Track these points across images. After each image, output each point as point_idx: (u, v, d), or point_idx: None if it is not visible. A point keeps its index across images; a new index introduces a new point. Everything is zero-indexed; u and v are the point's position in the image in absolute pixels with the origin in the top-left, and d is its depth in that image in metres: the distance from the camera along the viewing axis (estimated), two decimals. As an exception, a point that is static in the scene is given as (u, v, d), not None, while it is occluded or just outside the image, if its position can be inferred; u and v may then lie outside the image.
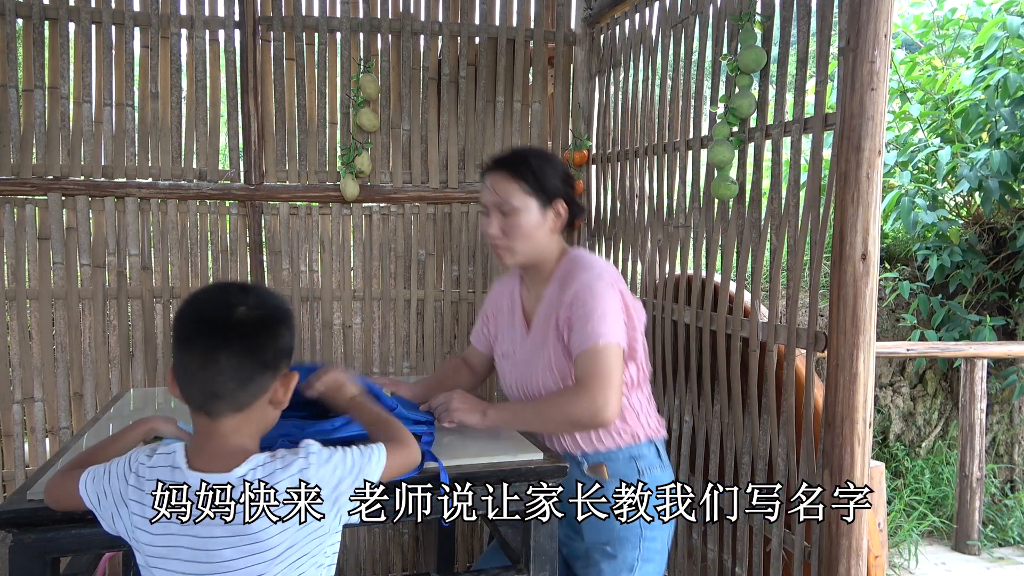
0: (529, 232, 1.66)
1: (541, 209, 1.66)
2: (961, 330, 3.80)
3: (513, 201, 1.65)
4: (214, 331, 1.05)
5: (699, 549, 2.14)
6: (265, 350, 1.07)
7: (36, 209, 2.45)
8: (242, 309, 1.07)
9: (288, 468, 1.07)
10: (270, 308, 1.10)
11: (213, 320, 1.06)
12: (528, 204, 1.65)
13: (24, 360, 2.47)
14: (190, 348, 1.06)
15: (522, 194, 1.65)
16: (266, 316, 1.08)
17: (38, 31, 2.42)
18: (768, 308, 1.86)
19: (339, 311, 2.70)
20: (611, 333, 1.55)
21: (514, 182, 1.65)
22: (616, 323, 1.57)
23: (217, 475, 1.05)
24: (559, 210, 1.68)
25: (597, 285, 1.59)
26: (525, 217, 1.65)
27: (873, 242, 1.51)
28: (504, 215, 1.66)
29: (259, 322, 1.07)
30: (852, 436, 1.54)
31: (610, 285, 1.60)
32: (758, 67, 1.83)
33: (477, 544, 2.85)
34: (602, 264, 1.67)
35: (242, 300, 1.08)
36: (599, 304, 1.57)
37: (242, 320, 1.06)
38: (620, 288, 1.63)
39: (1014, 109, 3.61)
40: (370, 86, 2.58)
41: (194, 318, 1.08)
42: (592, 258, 1.69)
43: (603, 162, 2.67)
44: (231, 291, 1.10)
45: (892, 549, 3.41)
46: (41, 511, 1.22)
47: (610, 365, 1.53)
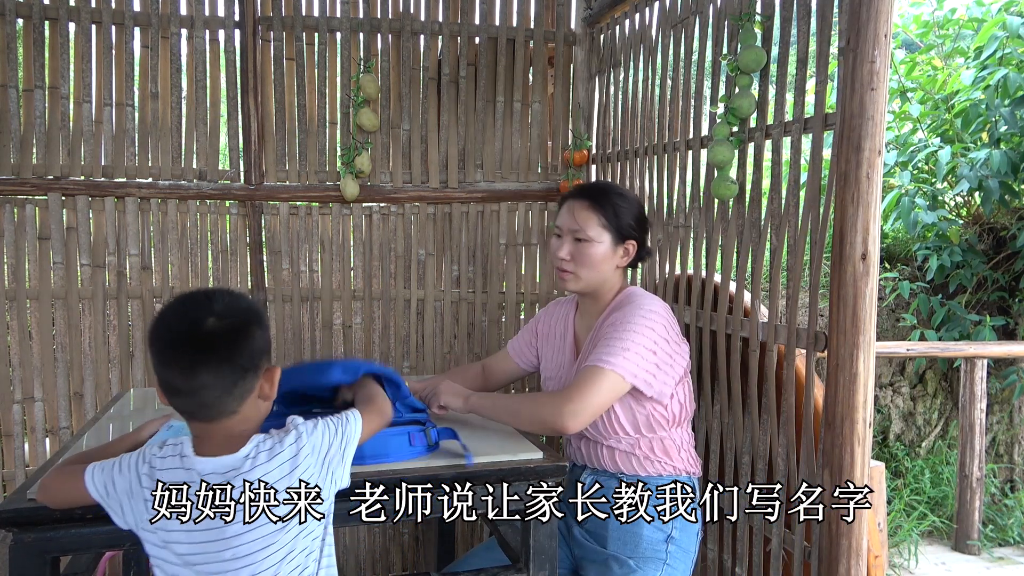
0: (596, 263, 1.73)
1: (613, 244, 1.74)
2: (961, 330, 3.80)
3: (589, 231, 1.73)
4: (188, 347, 1.08)
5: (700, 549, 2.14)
6: (242, 355, 1.10)
7: (36, 209, 2.45)
8: (211, 320, 1.09)
9: (284, 440, 1.15)
10: (238, 313, 1.12)
11: (185, 336, 1.08)
12: (603, 237, 1.73)
13: (24, 360, 2.47)
14: (169, 367, 1.09)
15: (599, 227, 1.73)
16: (236, 323, 1.10)
17: (38, 31, 2.42)
18: (768, 308, 1.86)
19: (339, 311, 2.70)
20: (620, 365, 1.60)
21: (594, 213, 1.73)
22: (633, 359, 1.61)
23: (225, 457, 1.11)
24: (628, 249, 1.76)
25: (635, 320, 1.65)
26: (597, 248, 1.73)
27: (873, 242, 1.51)
28: (577, 241, 1.74)
29: (230, 330, 1.09)
30: (852, 436, 1.54)
31: (649, 326, 1.64)
32: (758, 67, 1.83)
33: (477, 544, 2.85)
34: (655, 304, 1.71)
35: (208, 311, 1.09)
36: (626, 336, 1.62)
37: (212, 331, 1.08)
38: (663, 333, 1.66)
39: (1014, 109, 3.61)
40: (370, 86, 2.58)
41: (166, 337, 1.10)
42: (646, 297, 1.74)
43: (603, 162, 2.67)
44: (197, 303, 1.12)
45: (892, 549, 3.41)
46: (41, 511, 1.22)
47: (599, 387, 1.59)
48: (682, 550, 1.70)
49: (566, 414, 1.57)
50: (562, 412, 1.57)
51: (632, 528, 1.66)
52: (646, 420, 1.71)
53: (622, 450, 1.73)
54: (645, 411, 1.70)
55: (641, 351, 1.62)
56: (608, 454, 1.75)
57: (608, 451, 1.75)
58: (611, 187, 1.83)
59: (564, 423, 1.58)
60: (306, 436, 1.17)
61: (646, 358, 1.63)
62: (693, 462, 1.78)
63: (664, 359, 1.66)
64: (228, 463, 1.11)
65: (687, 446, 1.78)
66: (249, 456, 1.12)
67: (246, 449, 1.13)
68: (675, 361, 1.70)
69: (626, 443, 1.73)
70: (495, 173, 2.75)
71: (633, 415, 1.71)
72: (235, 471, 1.11)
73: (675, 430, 1.75)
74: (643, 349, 1.63)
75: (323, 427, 1.21)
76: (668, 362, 1.67)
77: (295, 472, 1.14)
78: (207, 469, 1.11)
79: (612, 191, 1.79)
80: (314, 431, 1.19)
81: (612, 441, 1.74)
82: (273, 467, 1.12)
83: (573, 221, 1.74)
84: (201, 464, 1.11)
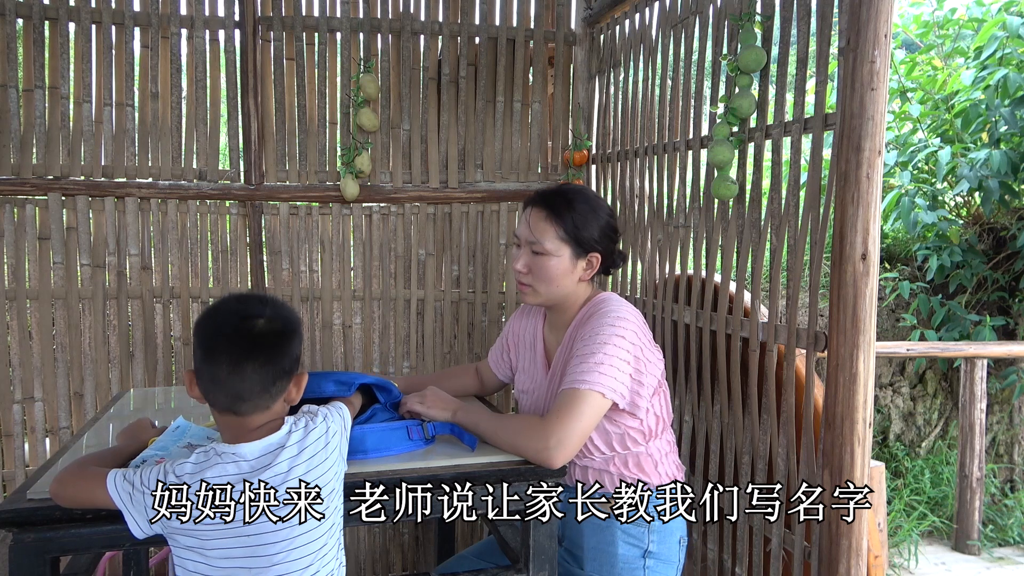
0: (555, 277, 1.63)
1: (573, 257, 1.64)
2: (961, 330, 3.80)
3: (546, 243, 1.62)
4: (239, 343, 1.16)
5: (699, 549, 2.14)
6: (284, 358, 1.19)
7: (36, 209, 2.45)
8: (262, 322, 1.17)
9: (315, 420, 1.26)
10: (285, 320, 1.21)
11: (237, 333, 1.16)
12: (560, 250, 1.62)
13: (24, 360, 2.47)
14: (216, 358, 1.16)
15: (557, 239, 1.62)
16: (283, 328, 1.19)
17: (38, 31, 2.42)
18: (768, 308, 1.86)
19: (339, 311, 2.70)
20: (598, 382, 1.51)
21: (552, 225, 1.62)
22: (610, 374, 1.53)
23: (267, 438, 1.19)
24: (592, 261, 1.66)
25: (606, 332, 1.55)
26: (555, 262, 1.63)
27: (873, 242, 1.51)
28: (534, 254, 1.64)
29: (278, 334, 1.18)
30: (852, 436, 1.54)
31: (620, 335, 1.56)
32: (758, 67, 1.83)
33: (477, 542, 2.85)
34: (624, 311, 1.61)
35: (261, 312, 1.18)
36: (600, 351, 1.53)
37: (263, 332, 1.17)
38: (635, 340, 1.58)
39: (1014, 109, 3.61)
40: (370, 86, 2.58)
41: (219, 331, 1.17)
42: (616, 304, 1.63)
43: (603, 162, 2.67)
44: (251, 303, 1.21)
45: (892, 549, 3.41)
46: (41, 511, 1.22)
47: (581, 411, 1.50)
48: (662, 562, 1.64)
49: (551, 445, 1.46)
50: (547, 443, 1.46)
51: (607, 548, 1.61)
52: (620, 438, 1.63)
53: (595, 468, 1.66)
54: (620, 429, 1.63)
55: (616, 363, 1.53)
56: (581, 473, 1.67)
57: (581, 470, 1.67)
58: (576, 193, 1.68)
59: (548, 455, 1.47)
60: (332, 418, 1.29)
61: (622, 370, 1.54)
62: (672, 473, 1.70)
63: (639, 367, 1.58)
64: (272, 441, 1.19)
65: (665, 457, 1.69)
66: (290, 432, 1.21)
67: (284, 428, 1.21)
68: (648, 370, 1.61)
69: (600, 461, 1.65)
70: (495, 173, 2.75)
71: (607, 433, 1.63)
72: (280, 448, 1.18)
73: (652, 443, 1.66)
74: (618, 360, 1.54)
75: (335, 410, 1.32)
76: (642, 370, 1.59)
77: (327, 448, 1.23)
78: (255, 452, 1.17)
79: (576, 198, 1.66)
80: (334, 412, 1.31)
81: (585, 460, 1.66)
82: (310, 441, 1.21)
83: (529, 232, 1.64)
84: (246, 449, 1.17)
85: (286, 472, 1.17)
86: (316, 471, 1.20)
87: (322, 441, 1.23)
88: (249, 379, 1.16)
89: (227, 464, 1.16)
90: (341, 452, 1.28)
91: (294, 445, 1.20)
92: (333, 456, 1.25)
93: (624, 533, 1.61)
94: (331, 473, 1.23)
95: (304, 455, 1.20)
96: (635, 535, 1.62)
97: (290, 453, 1.19)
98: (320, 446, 1.23)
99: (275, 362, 1.18)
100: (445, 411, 1.61)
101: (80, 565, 1.62)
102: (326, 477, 1.22)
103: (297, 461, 1.19)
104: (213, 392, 1.18)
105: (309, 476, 1.19)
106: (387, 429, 1.50)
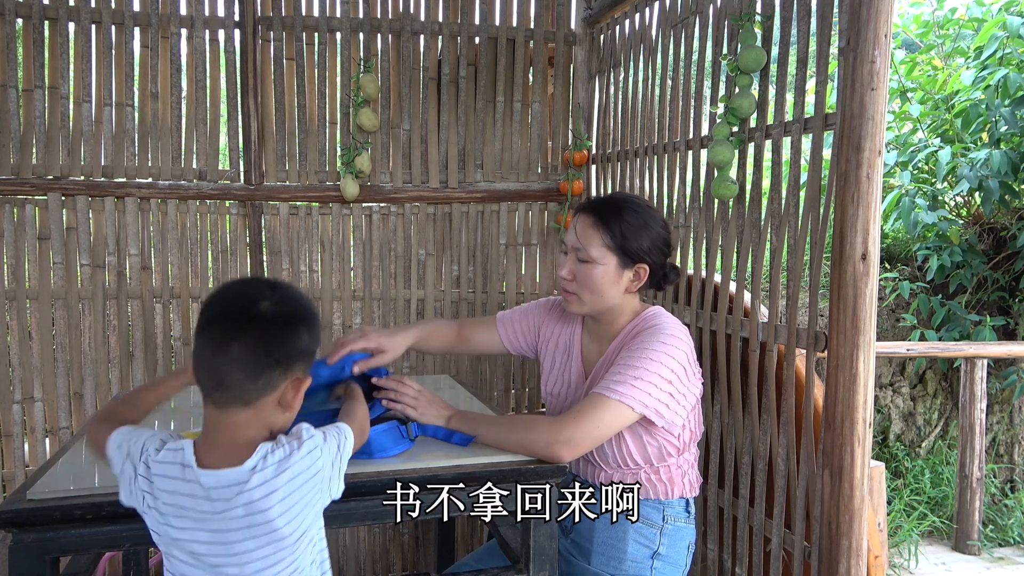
0: (599, 286, 1.59)
1: (619, 267, 1.59)
2: (961, 330, 3.80)
3: (592, 251, 1.58)
4: (232, 320, 1.05)
5: (699, 549, 2.14)
6: (279, 346, 1.06)
7: (36, 209, 2.45)
8: (265, 303, 1.07)
9: (294, 455, 1.07)
10: (293, 306, 1.09)
11: (234, 309, 1.06)
12: (606, 258, 1.58)
13: (24, 360, 2.47)
14: (207, 333, 1.06)
15: (602, 247, 1.57)
16: (287, 313, 1.08)
17: (38, 31, 2.42)
18: (768, 308, 1.86)
19: (339, 311, 2.70)
20: (629, 395, 1.49)
21: (598, 232, 1.58)
22: (645, 389, 1.50)
23: (229, 470, 1.04)
24: (640, 272, 1.60)
25: (655, 348, 1.52)
26: (600, 270, 1.58)
27: (873, 242, 1.51)
28: (580, 262, 1.60)
29: (279, 317, 1.07)
30: (852, 436, 1.54)
31: (669, 353, 1.52)
32: (758, 67, 1.83)
33: (477, 544, 2.85)
34: (676, 329, 1.58)
35: (267, 295, 1.08)
36: (640, 364, 1.51)
37: (262, 313, 1.06)
38: (683, 361, 1.55)
39: (1014, 109, 3.61)
40: (370, 86, 2.58)
41: (217, 306, 1.08)
42: (668, 321, 1.60)
43: (603, 162, 2.67)
44: (260, 285, 1.11)
45: (892, 549, 3.41)
46: (41, 511, 1.22)
47: (599, 417, 1.48)
48: (670, 564, 1.64)
49: (561, 442, 1.45)
50: (557, 440, 1.45)
51: (617, 544, 1.61)
52: (657, 451, 1.61)
53: (623, 476, 1.64)
54: (657, 442, 1.60)
55: (655, 379, 1.50)
56: (606, 478, 1.65)
57: (607, 476, 1.66)
58: (627, 202, 1.62)
59: (558, 452, 1.46)
60: (321, 447, 1.11)
61: (660, 387, 1.51)
62: (691, 486, 1.69)
63: (679, 388, 1.54)
64: (232, 477, 1.04)
65: (689, 468, 1.68)
66: (256, 469, 1.05)
67: (252, 460, 1.05)
68: (689, 391, 1.58)
69: (630, 474, 1.63)
70: (495, 173, 2.75)
71: (644, 447, 1.60)
72: (240, 485, 1.04)
73: (682, 456, 1.65)
74: (658, 378, 1.50)
75: (331, 442, 1.15)
76: (683, 391, 1.55)
77: (304, 488, 1.08)
78: (209, 484, 1.04)
79: (627, 207, 1.60)
80: (325, 443, 1.13)
81: (616, 472, 1.64)
82: (281, 483, 1.05)
83: (576, 238, 1.60)
84: (204, 478, 1.04)
85: (243, 516, 1.04)
86: (285, 516, 1.06)
87: (297, 481, 1.07)
88: (233, 361, 1.03)
89: (187, 482, 1.05)
90: (330, 490, 1.13)
91: (258, 487, 1.04)
92: (313, 497, 1.09)
93: (636, 532, 1.61)
94: (306, 513, 1.09)
95: (272, 499, 1.04)
96: (646, 535, 1.62)
97: (248, 498, 1.03)
98: (293, 487, 1.06)
99: (268, 349, 1.05)
100: (438, 417, 1.56)
101: (80, 565, 1.62)
102: (298, 520, 1.08)
103: (257, 508, 1.04)
104: (199, 370, 1.08)
105: (272, 515, 1.05)
106: (380, 430, 1.48)
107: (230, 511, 1.04)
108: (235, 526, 1.05)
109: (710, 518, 2.06)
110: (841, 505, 1.55)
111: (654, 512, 1.64)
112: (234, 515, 1.05)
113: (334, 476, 1.14)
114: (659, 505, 1.65)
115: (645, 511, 1.63)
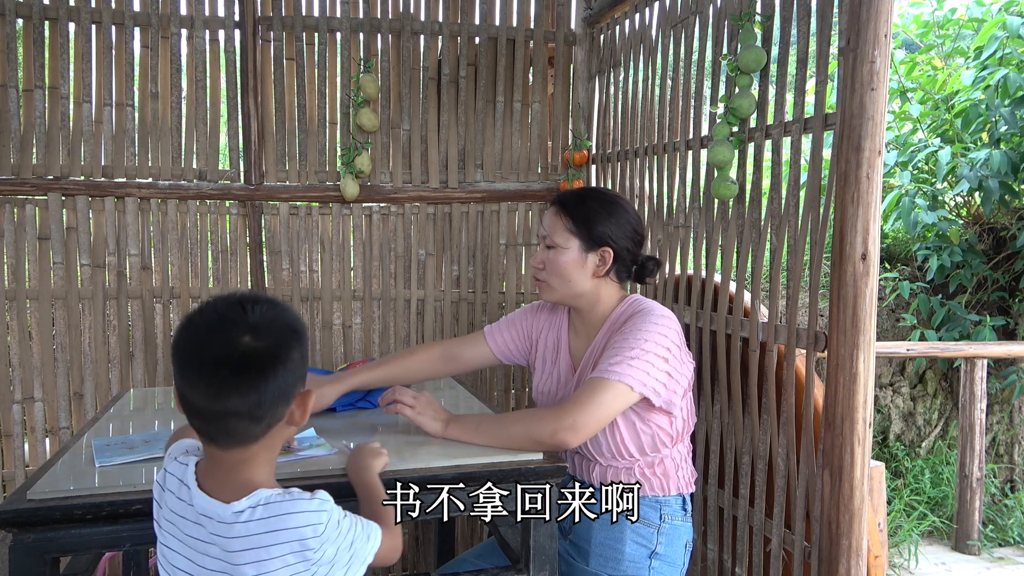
0: (564, 271, 1.66)
1: (582, 250, 1.66)
2: (961, 330, 3.80)
3: (555, 237, 1.67)
4: (217, 369, 0.95)
5: (699, 549, 2.14)
6: (277, 381, 0.98)
7: (36, 209, 2.45)
8: (246, 340, 0.96)
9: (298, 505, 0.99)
10: (277, 331, 0.99)
11: (215, 357, 0.95)
12: (570, 243, 1.66)
13: (24, 360, 2.47)
14: (194, 385, 0.97)
15: (565, 232, 1.66)
16: (273, 344, 0.98)
17: (38, 31, 2.42)
18: (768, 308, 1.86)
19: (339, 311, 2.70)
20: (628, 374, 1.52)
21: (561, 219, 1.67)
22: (643, 368, 1.53)
23: (219, 504, 0.99)
24: (604, 256, 1.66)
25: (647, 328, 1.57)
26: (564, 255, 1.66)
27: (873, 242, 1.51)
28: (547, 249, 1.69)
29: (266, 354, 0.97)
30: (852, 436, 1.54)
31: (661, 332, 1.57)
32: (758, 67, 1.83)
33: (477, 544, 2.85)
34: (664, 311, 1.63)
35: (244, 326, 0.96)
36: (637, 345, 1.55)
37: (246, 353, 0.95)
38: (675, 340, 1.59)
39: (1014, 109, 3.61)
40: (370, 86, 2.58)
41: (195, 352, 0.97)
42: (653, 304, 1.66)
43: (603, 162, 2.67)
44: (231, 317, 0.97)
45: (892, 549, 3.41)
46: (41, 511, 1.22)
47: (601, 398, 1.51)
48: (668, 564, 1.65)
49: (566, 428, 1.47)
50: (561, 426, 1.47)
51: (614, 545, 1.62)
52: (651, 440, 1.64)
53: (618, 468, 1.66)
54: (650, 430, 1.63)
55: (652, 359, 1.54)
56: (600, 473, 1.68)
57: (601, 469, 1.67)
58: (592, 191, 1.73)
59: (563, 438, 1.48)
60: (324, 525, 0.99)
61: (657, 365, 1.54)
62: (687, 480, 1.72)
63: (675, 366, 1.58)
64: (217, 512, 0.99)
65: (683, 461, 1.71)
66: (240, 512, 0.98)
67: (240, 504, 0.98)
68: (682, 371, 1.61)
69: (624, 465, 1.66)
70: (495, 173, 2.75)
71: (638, 435, 1.63)
72: (221, 525, 0.98)
73: (675, 447, 1.68)
74: (654, 356, 1.54)
75: (346, 529, 1.04)
76: (679, 370, 1.60)
77: (289, 556, 0.98)
78: (202, 509, 1.00)
79: (591, 195, 1.71)
80: (336, 528, 1.02)
81: (611, 462, 1.66)
82: (262, 544, 0.97)
83: (543, 227, 1.71)
84: (200, 501, 1.00)
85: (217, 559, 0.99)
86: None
87: (286, 547, 0.98)
88: (236, 412, 0.96)
89: (181, 501, 1.03)
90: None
91: (236, 539, 0.97)
92: (299, 569, 0.99)
93: (633, 532, 1.62)
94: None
95: (247, 556, 0.97)
96: (644, 535, 1.63)
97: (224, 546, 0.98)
98: (270, 554, 0.98)
99: (264, 389, 0.96)
100: (436, 421, 1.56)
101: (80, 565, 1.62)
102: None
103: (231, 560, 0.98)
104: (195, 421, 1.01)
105: (246, 572, 0.98)
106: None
107: (209, 547, 1.00)
108: (210, 565, 1.00)
109: (710, 518, 2.07)
110: (841, 505, 1.55)
111: (651, 511, 1.65)
112: (212, 553, 1.00)
113: (337, 564, 1.03)
114: (656, 504, 1.65)
115: (642, 510, 1.63)
